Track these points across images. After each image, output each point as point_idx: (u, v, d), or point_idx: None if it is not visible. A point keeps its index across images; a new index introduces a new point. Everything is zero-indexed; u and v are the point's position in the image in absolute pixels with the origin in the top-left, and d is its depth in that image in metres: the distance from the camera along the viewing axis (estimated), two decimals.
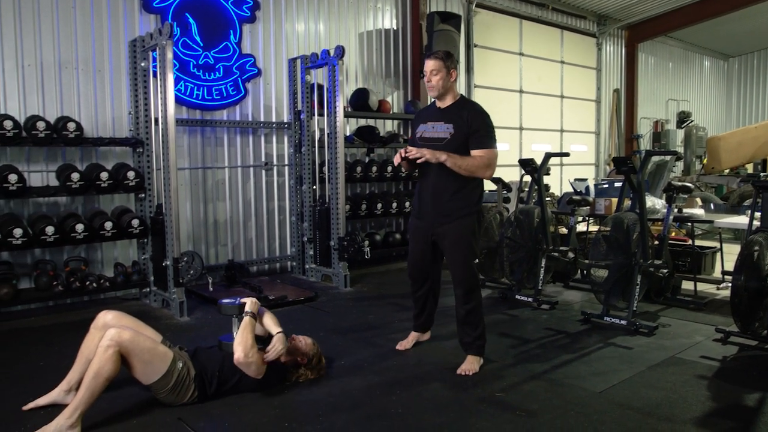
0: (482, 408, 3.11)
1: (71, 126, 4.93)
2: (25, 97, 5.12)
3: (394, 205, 7.10)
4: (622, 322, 4.50)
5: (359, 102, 7.03)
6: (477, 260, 3.65)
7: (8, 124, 4.64)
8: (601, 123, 11.94)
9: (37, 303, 5.13)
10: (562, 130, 11.10)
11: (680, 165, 11.90)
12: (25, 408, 3.06)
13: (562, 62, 10.94)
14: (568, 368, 3.70)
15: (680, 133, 12.78)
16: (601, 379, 3.51)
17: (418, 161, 3.51)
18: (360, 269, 6.86)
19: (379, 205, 6.96)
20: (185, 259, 5.34)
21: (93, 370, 2.77)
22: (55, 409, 2.95)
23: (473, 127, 3.53)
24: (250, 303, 3.32)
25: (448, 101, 3.65)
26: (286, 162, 6.87)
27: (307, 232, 6.56)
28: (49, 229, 4.69)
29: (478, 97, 9.22)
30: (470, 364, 3.64)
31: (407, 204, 7.21)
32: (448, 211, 3.59)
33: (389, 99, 7.86)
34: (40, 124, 4.78)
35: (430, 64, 3.58)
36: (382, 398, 3.24)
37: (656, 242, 4.89)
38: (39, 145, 4.94)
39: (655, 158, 7.80)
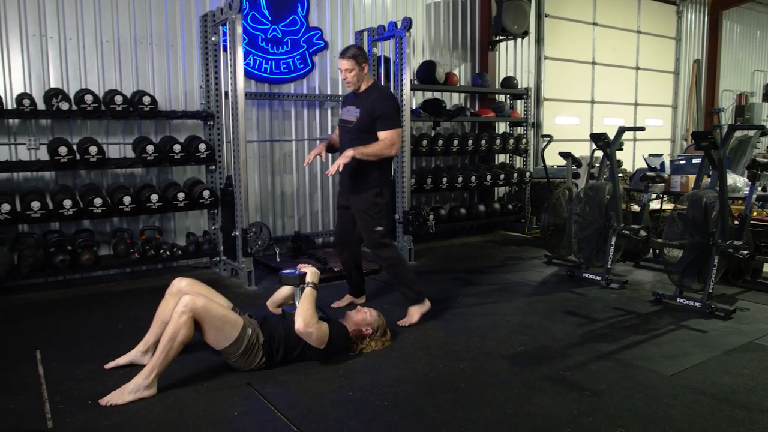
0: (547, 386, 3.07)
1: (146, 100, 5.11)
2: (103, 72, 5.33)
3: (460, 179, 7.01)
4: (697, 304, 4.32)
5: (426, 75, 6.95)
6: (380, 228, 4.03)
7: (89, 98, 4.85)
8: (678, 96, 11.38)
9: (115, 269, 5.43)
10: (636, 104, 10.65)
11: (765, 141, 11.22)
12: (107, 366, 3.25)
13: (639, 32, 10.43)
14: (637, 349, 3.59)
15: (766, 107, 12.03)
16: (673, 362, 3.39)
17: (340, 171, 3.90)
18: (424, 243, 6.85)
19: (445, 179, 6.89)
20: (253, 230, 5.46)
21: (168, 334, 2.90)
22: (133, 368, 3.11)
23: (377, 112, 3.93)
24: (311, 273, 3.36)
25: (362, 88, 4.07)
26: None
27: None
28: (127, 199, 4.91)
29: (548, 69, 8.96)
30: (408, 316, 4.04)
31: (473, 178, 7.12)
32: (352, 187, 4.07)
33: (456, 72, 7.73)
34: (118, 98, 4.97)
35: (343, 64, 3.96)
36: (446, 371, 3.25)
37: (737, 222, 4.65)
38: (116, 119, 5.15)
39: (737, 133, 7.37)
